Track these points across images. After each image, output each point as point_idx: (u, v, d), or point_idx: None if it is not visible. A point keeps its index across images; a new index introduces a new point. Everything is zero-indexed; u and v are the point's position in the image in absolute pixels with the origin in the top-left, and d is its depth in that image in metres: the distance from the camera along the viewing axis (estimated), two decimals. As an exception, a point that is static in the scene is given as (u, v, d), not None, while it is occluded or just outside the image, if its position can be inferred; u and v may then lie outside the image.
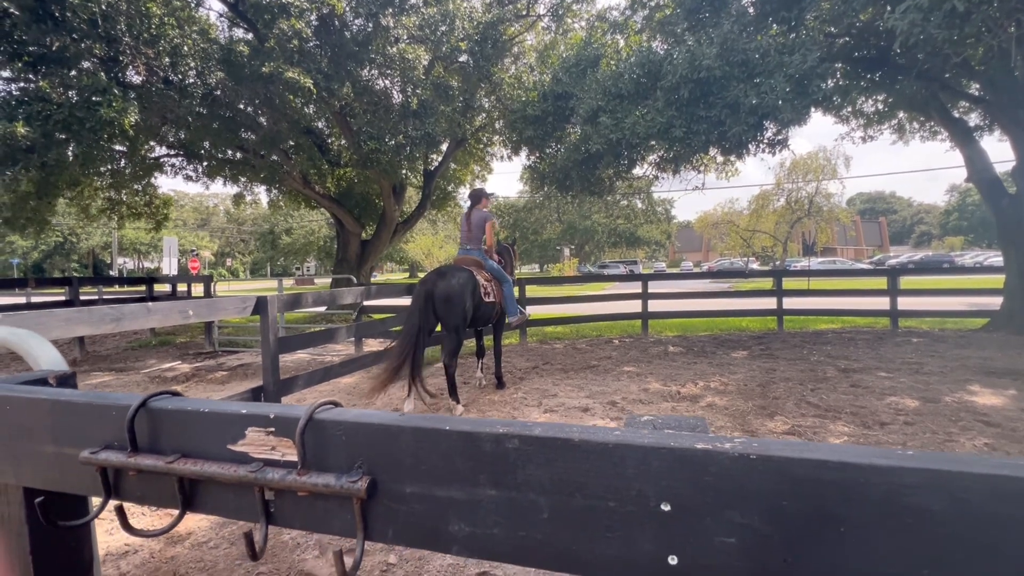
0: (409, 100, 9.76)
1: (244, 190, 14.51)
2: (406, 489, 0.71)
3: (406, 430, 0.71)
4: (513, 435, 0.65)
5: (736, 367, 6.59)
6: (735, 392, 5.39)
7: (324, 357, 8.61)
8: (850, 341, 8.20)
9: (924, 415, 4.45)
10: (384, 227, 13.69)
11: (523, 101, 8.33)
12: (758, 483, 0.54)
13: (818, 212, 27.56)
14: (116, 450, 0.84)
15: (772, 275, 10.25)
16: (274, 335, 4.54)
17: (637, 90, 6.12)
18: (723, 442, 0.57)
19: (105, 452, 0.84)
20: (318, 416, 0.76)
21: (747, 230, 30.75)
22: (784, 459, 0.53)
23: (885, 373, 5.97)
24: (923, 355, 6.90)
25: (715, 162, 9.57)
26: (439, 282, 4.95)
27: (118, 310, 3.10)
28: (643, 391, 5.57)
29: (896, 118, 10.85)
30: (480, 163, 15.34)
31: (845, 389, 5.34)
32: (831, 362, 6.63)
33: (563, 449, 0.62)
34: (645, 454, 0.58)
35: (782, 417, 4.54)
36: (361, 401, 5.86)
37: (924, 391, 5.15)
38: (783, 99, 5.23)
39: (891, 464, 0.50)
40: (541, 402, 5.32)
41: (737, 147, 6.07)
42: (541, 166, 8.37)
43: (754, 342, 8.46)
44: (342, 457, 0.74)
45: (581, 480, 0.61)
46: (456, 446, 0.68)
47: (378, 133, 9.58)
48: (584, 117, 6.40)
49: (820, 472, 0.52)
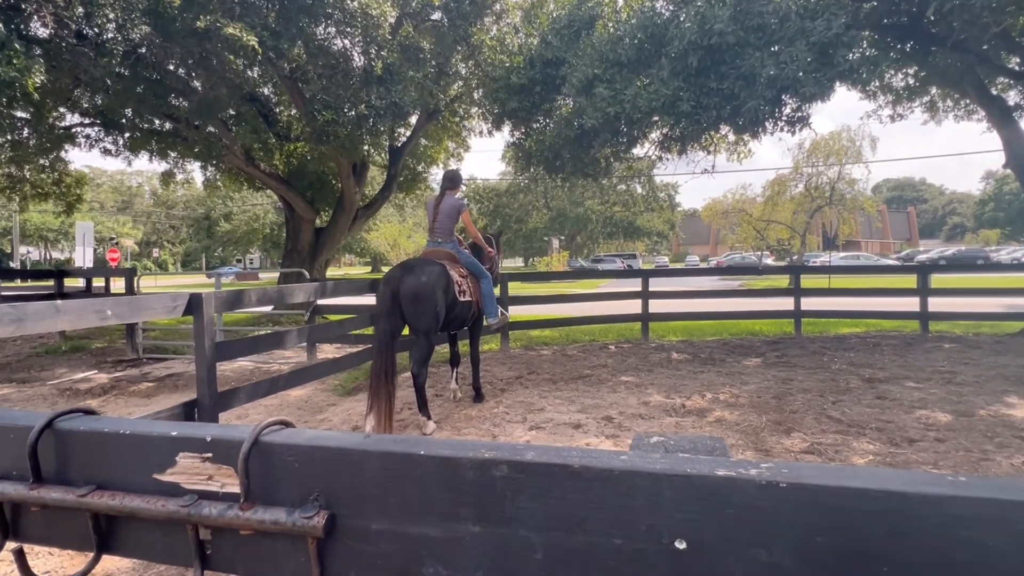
0: (372, 64, 9.65)
1: (174, 167, 14.20)
2: (372, 526, 0.69)
3: (372, 455, 0.69)
4: (501, 461, 0.63)
5: (748, 377, 6.69)
6: (747, 405, 5.48)
7: (270, 365, 8.50)
8: (875, 347, 8.40)
9: (957, 431, 4.58)
10: (342, 213, 13.54)
11: (506, 67, 8.31)
12: (789, 516, 0.54)
13: (840, 200, 28.17)
14: (14, 481, 0.80)
15: (789, 272, 10.44)
16: (210, 339, 4.45)
17: (639, 57, 6.15)
18: (748, 468, 0.57)
19: (0, 484, 0.80)
20: (265, 439, 0.74)
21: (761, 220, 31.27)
22: (819, 487, 0.53)
23: (914, 383, 6.13)
24: (956, 363, 7.10)
25: (726, 141, 9.68)
26: (406, 278, 4.89)
27: (19, 309, 3.00)
28: (643, 404, 5.62)
29: (928, 95, 11.12)
30: (456, 139, 15.28)
31: (870, 401, 5.47)
32: (854, 371, 6.78)
33: (560, 477, 0.61)
34: (657, 482, 0.57)
35: (800, 434, 4.63)
36: (314, 419, 5.79)
37: (957, 403, 5.30)
38: (804, 70, 5.30)
39: (943, 493, 0.50)
40: (526, 418, 5.33)
41: (752, 124, 6.15)
42: (527, 143, 8.37)
43: (768, 348, 8.60)
44: (294, 488, 0.72)
45: (582, 513, 0.60)
46: (433, 474, 0.66)
47: (335, 102, 9.45)
48: (577, 87, 6.41)
49: (861, 502, 0.52)
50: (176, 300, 4.22)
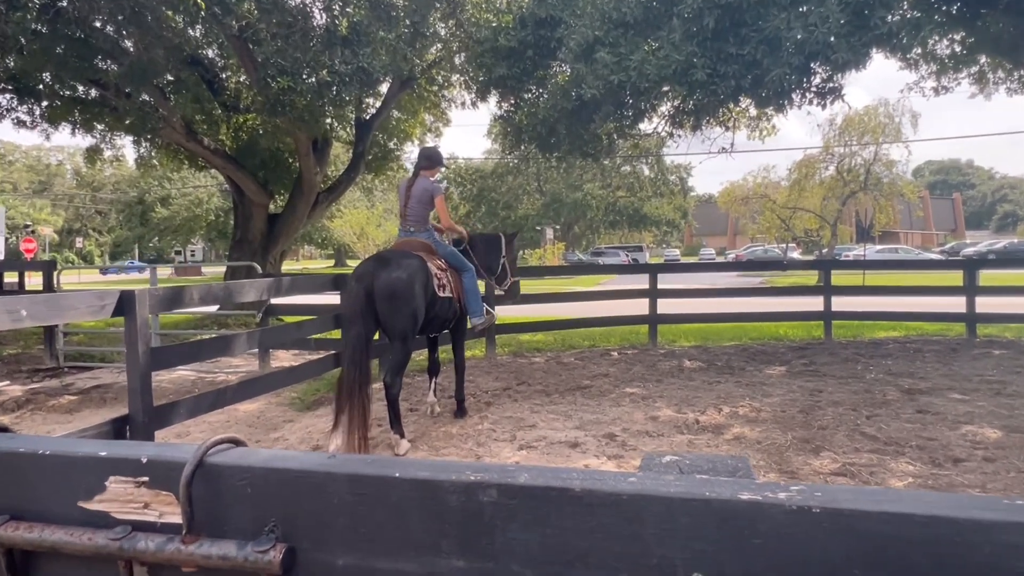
0: (336, 22, 9.58)
1: (101, 142, 14.01)
2: (338, 560, 0.69)
3: (338, 478, 0.69)
4: (490, 484, 0.64)
5: (771, 388, 6.76)
6: (770, 420, 5.53)
7: (216, 375, 8.44)
8: (916, 353, 8.52)
9: (1008, 448, 4.66)
10: (300, 196, 13.46)
11: (493, 28, 8.30)
12: (823, 545, 0.54)
13: (877, 185, 28.50)
14: None
15: (818, 267, 10.56)
16: (145, 344, 4.42)
17: (647, 17, 6.17)
18: (776, 491, 0.57)
19: None
20: (212, 460, 0.74)
21: (786, 207, 31.54)
22: (857, 512, 0.54)
23: (959, 395, 6.23)
24: (1006, 371, 7.23)
25: (747, 116, 9.75)
26: (380, 273, 4.87)
27: (-84, 309, 2.95)
28: (651, 420, 5.66)
29: (977, 64, 11.26)
30: (434, 111, 15.24)
31: (909, 416, 5.55)
32: (892, 381, 6.87)
33: (559, 502, 0.61)
34: (671, 508, 0.58)
35: (830, 453, 4.68)
36: (268, 438, 5.77)
37: (1008, 418, 5.39)
38: (837, 34, 5.35)
39: (997, 518, 0.51)
40: (515, 435, 5.35)
41: (777, 96, 6.19)
42: (517, 116, 8.37)
43: (794, 355, 8.69)
44: (247, 517, 0.72)
45: (583, 545, 0.61)
46: (410, 500, 0.66)
47: (292, 67, 9.37)
48: (576, 52, 6.42)
49: (904, 529, 0.52)
50: (104, 299, 4.18)
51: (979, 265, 10.58)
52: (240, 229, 13.85)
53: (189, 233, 44.94)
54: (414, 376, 7.81)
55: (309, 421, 6.17)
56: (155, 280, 9.71)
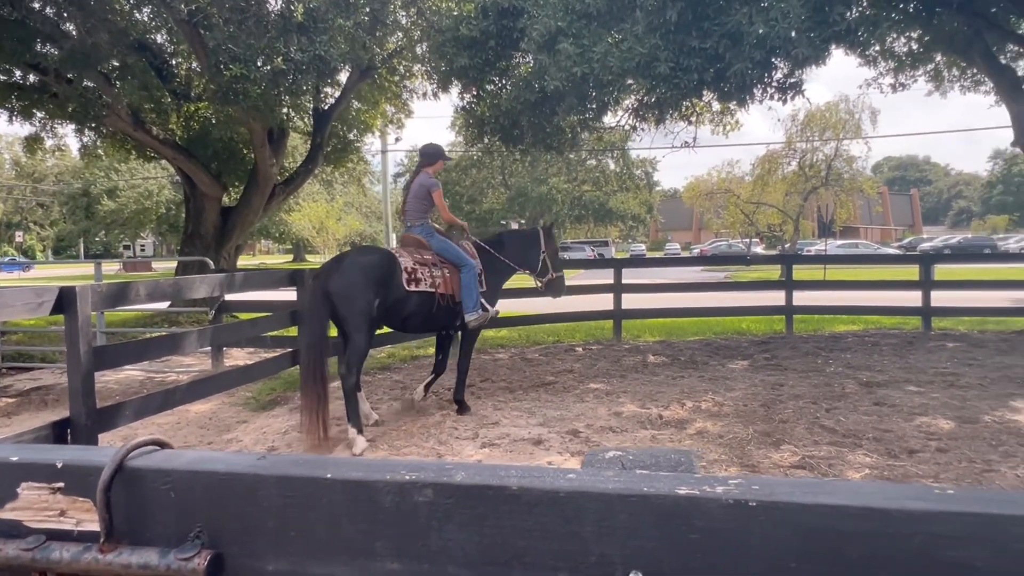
0: (292, 8, 9.38)
1: (41, 130, 13.46)
2: (268, 566, 0.67)
3: (267, 480, 0.67)
4: (425, 483, 0.62)
5: (734, 382, 6.89)
6: (732, 415, 5.64)
7: (166, 375, 8.24)
8: (874, 347, 8.78)
9: (960, 439, 4.84)
10: (256, 189, 13.16)
11: (455, 17, 8.24)
12: (760, 538, 0.54)
13: (838, 180, 29.27)
14: None
15: (780, 262, 10.80)
16: (87, 343, 4.28)
17: (610, 8, 6.20)
18: (714, 485, 0.57)
19: None
20: (133, 464, 0.71)
21: (750, 203, 32.18)
22: (793, 505, 0.54)
23: (915, 387, 6.44)
24: (960, 364, 7.50)
25: (710, 110, 9.89)
26: (334, 270, 5.10)
27: None
28: (614, 416, 5.71)
29: (933, 62, 11.64)
30: (395, 102, 15.06)
31: (867, 408, 5.72)
32: (851, 374, 7.07)
33: (496, 501, 0.60)
34: (609, 505, 0.58)
35: (790, 446, 4.80)
36: (221, 439, 5.65)
37: (960, 409, 5.60)
38: (797, 29, 5.46)
39: (928, 508, 0.52)
40: (478, 433, 5.34)
41: (739, 91, 6.30)
42: (479, 108, 8.34)
43: (757, 349, 8.88)
44: (171, 522, 0.69)
45: (521, 544, 0.60)
46: (342, 501, 0.65)
47: (245, 54, 9.15)
48: (538, 42, 6.41)
49: (838, 521, 0.53)
50: (41, 295, 4.05)
51: (934, 260, 10.95)
52: (192, 223, 13.48)
53: (138, 227, 43.65)
54: (374, 374, 7.74)
55: (264, 421, 6.06)
56: (100, 276, 9.40)
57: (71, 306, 4.15)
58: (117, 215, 41.57)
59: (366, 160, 20.03)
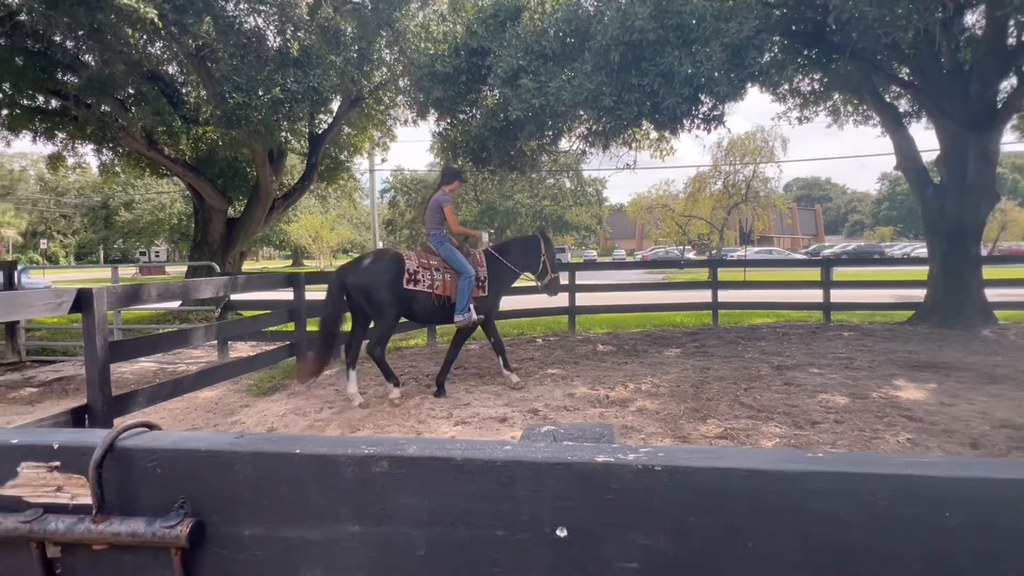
0: (289, 45, 9.23)
1: (63, 150, 12.97)
2: (244, 532, 0.65)
3: (243, 456, 0.65)
4: (381, 456, 0.62)
5: (669, 367, 6.98)
6: (667, 395, 5.71)
7: (177, 366, 7.99)
8: (784, 336, 9.00)
9: (853, 412, 4.98)
10: (258, 203, 12.89)
11: (431, 55, 8.19)
12: (663, 498, 0.55)
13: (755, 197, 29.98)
14: None
15: (708, 265, 10.99)
16: (103, 338, 4.14)
17: (563, 50, 6.23)
18: (626, 453, 0.58)
19: None
20: (123, 444, 0.68)
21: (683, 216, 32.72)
22: (691, 469, 0.55)
23: (817, 369, 6.62)
24: (853, 349, 7.73)
25: (649, 138, 10.02)
26: (350, 270, 5.60)
27: None
28: (568, 396, 5.73)
29: (831, 100, 12.00)
30: (381, 128, 14.91)
31: (778, 387, 5.85)
32: (765, 359, 7.23)
33: (443, 471, 0.60)
34: (539, 472, 0.58)
35: (715, 420, 4.88)
36: (226, 421, 5.51)
37: (853, 387, 5.77)
38: (719, 70, 5.58)
39: (799, 469, 0.53)
40: (452, 413, 5.31)
41: (671, 121, 6.40)
42: (453, 134, 8.30)
43: (688, 339, 9.01)
44: (156, 495, 0.67)
45: (464, 506, 0.60)
46: (309, 473, 0.64)
47: (247, 84, 8.96)
48: (503, 78, 6.41)
49: (728, 482, 0.54)
50: (61, 296, 3.91)
51: (833, 263, 11.28)
52: (200, 232, 13.14)
53: (153, 235, 42.28)
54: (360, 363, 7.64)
55: (265, 406, 5.93)
56: (116, 278, 9.10)
57: (88, 306, 4.03)
58: (133, 225, 40.20)
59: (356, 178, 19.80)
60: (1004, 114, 9.23)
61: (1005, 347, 7.77)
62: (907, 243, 48.03)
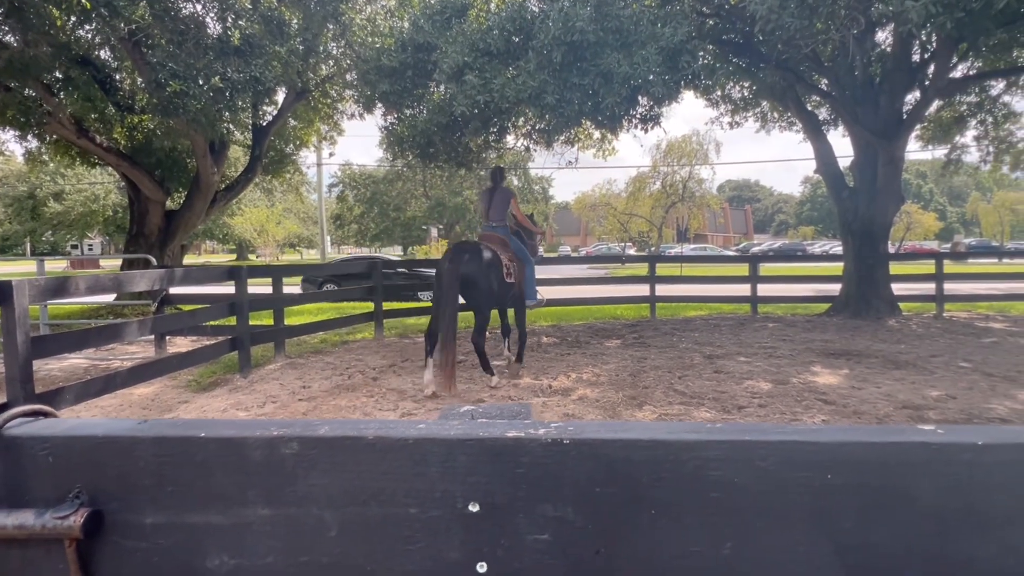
0: (230, 33, 8.79)
1: (-18, 135, 11.93)
2: (146, 520, 0.61)
3: (143, 441, 0.61)
4: (291, 437, 0.59)
5: (609, 357, 7.12)
6: (607, 383, 5.83)
7: (111, 363, 7.52)
8: (716, 327, 9.34)
9: (775, 397, 5.24)
10: (198, 194, 12.25)
11: (378, 49, 8.00)
12: (572, 470, 0.55)
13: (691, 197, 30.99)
14: None
15: (647, 261, 11.27)
16: (24, 333, 3.84)
17: (508, 48, 6.22)
18: (538, 428, 0.57)
19: None
20: (11, 432, 0.63)
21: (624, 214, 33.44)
22: (598, 441, 0.55)
23: (744, 358, 6.91)
24: (777, 339, 8.12)
25: (591, 138, 10.15)
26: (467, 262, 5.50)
27: None
28: (513, 387, 5.76)
29: (760, 106, 12.53)
30: (328, 122, 14.45)
31: (709, 375, 6.07)
32: (698, 349, 7.49)
33: (355, 450, 0.58)
34: (451, 448, 0.57)
35: (651, 406, 5.01)
36: (162, 418, 5.22)
37: (776, 374, 6.06)
38: (655, 72, 5.72)
39: (699, 438, 0.54)
40: (398, 405, 5.24)
41: (611, 120, 6.51)
42: (400, 128, 8.15)
43: (628, 330, 9.22)
44: (48, 485, 0.62)
45: (377, 485, 0.58)
46: (216, 457, 0.60)
47: (185, 72, 8.48)
48: (448, 73, 6.34)
49: (632, 452, 0.54)
50: (-25, 288, 3.59)
51: (760, 260, 11.78)
52: (136, 224, 12.37)
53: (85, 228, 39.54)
54: (308, 356, 7.42)
55: (205, 401, 5.66)
56: (42, 272, 8.46)
57: (7, 299, 3.74)
58: (64, 217, 37.45)
59: (302, 171, 19.10)
60: (909, 124, 9.88)
61: (907, 336, 8.35)
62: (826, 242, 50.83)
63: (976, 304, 11.77)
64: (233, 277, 6.56)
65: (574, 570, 0.55)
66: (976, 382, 5.65)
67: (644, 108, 6.82)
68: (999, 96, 11.48)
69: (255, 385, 6.02)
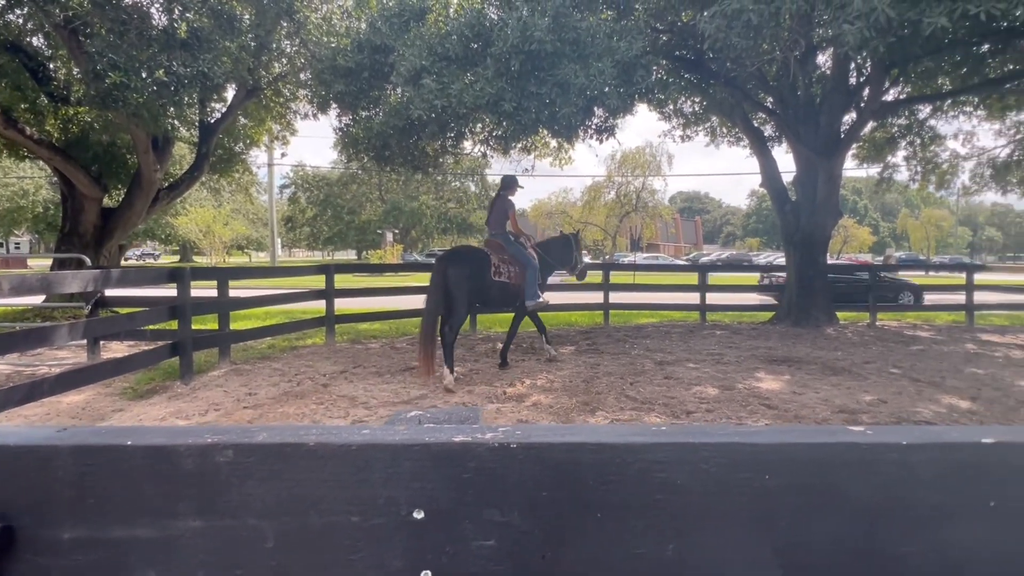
0: (176, 25, 8.44)
1: None
2: (64, 534, 0.56)
3: (63, 451, 0.57)
4: (226, 445, 0.56)
5: (563, 363, 7.19)
6: (561, 389, 5.87)
7: (37, 369, 7.05)
8: (666, 335, 9.58)
9: (722, 402, 5.40)
10: (139, 192, 11.67)
11: (333, 48, 7.85)
12: (518, 474, 0.54)
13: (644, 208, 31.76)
14: None
15: (602, 269, 11.44)
16: (-64, 337, 3.54)
17: (466, 54, 6.23)
18: (485, 432, 0.57)
19: None
20: None
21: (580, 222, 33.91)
22: (545, 445, 0.55)
23: (693, 364, 7.10)
24: (724, 346, 8.39)
25: (548, 147, 10.26)
26: (451, 263, 5.97)
27: None
28: (468, 393, 5.72)
29: (710, 121, 12.98)
30: (280, 121, 14.07)
31: (660, 381, 6.21)
32: (649, 355, 7.65)
33: (294, 457, 0.56)
34: (395, 454, 0.55)
35: (603, 412, 5.08)
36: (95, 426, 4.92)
37: (723, 380, 6.25)
38: (610, 85, 5.85)
39: (644, 441, 0.55)
40: (348, 412, 5.12)
41: (567, 130, 6.60)
42: (355, 130, 8.02)
43: (581, 337, 9.34)
44: None
45: (318, 493, 0.56)
46: (143, 467, 0.56)
47: (127, 63, 8.08)
48: (405, 76, 6.29)
49: (579, 455, 0.54)
50: None
51: (709, 269, 12.18)
52: (69, 222, 11.66)
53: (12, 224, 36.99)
54: (254, 362, 7.16)
55: (141, 409, 5.37)
56: (-39, 271, 7.84)
57: (-83, 299, 3.42)
58: (-12, 213, 34.96)
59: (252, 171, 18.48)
60: (846, 143, 10.45)
61: (844, 343, 8.79)
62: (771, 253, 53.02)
63: (905, 314, 12.51)
64: (176, 279, 6.27)
65: (520, 575, 0.54)
66: (905, 387, 6.00)
67: (599, 119, 6.97)
68: (926, 120, 12.31)
69: (197, 392, 5.76)
